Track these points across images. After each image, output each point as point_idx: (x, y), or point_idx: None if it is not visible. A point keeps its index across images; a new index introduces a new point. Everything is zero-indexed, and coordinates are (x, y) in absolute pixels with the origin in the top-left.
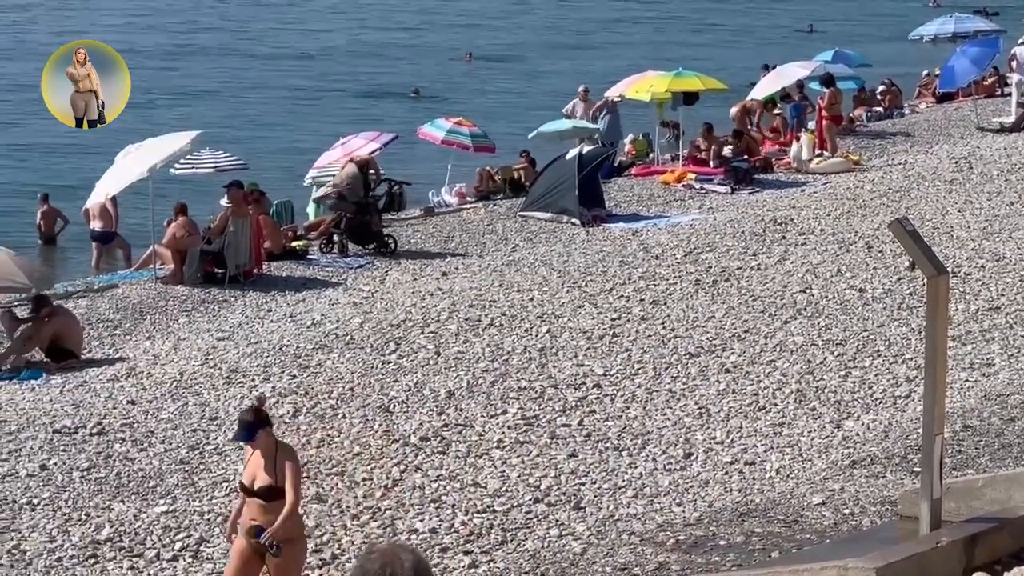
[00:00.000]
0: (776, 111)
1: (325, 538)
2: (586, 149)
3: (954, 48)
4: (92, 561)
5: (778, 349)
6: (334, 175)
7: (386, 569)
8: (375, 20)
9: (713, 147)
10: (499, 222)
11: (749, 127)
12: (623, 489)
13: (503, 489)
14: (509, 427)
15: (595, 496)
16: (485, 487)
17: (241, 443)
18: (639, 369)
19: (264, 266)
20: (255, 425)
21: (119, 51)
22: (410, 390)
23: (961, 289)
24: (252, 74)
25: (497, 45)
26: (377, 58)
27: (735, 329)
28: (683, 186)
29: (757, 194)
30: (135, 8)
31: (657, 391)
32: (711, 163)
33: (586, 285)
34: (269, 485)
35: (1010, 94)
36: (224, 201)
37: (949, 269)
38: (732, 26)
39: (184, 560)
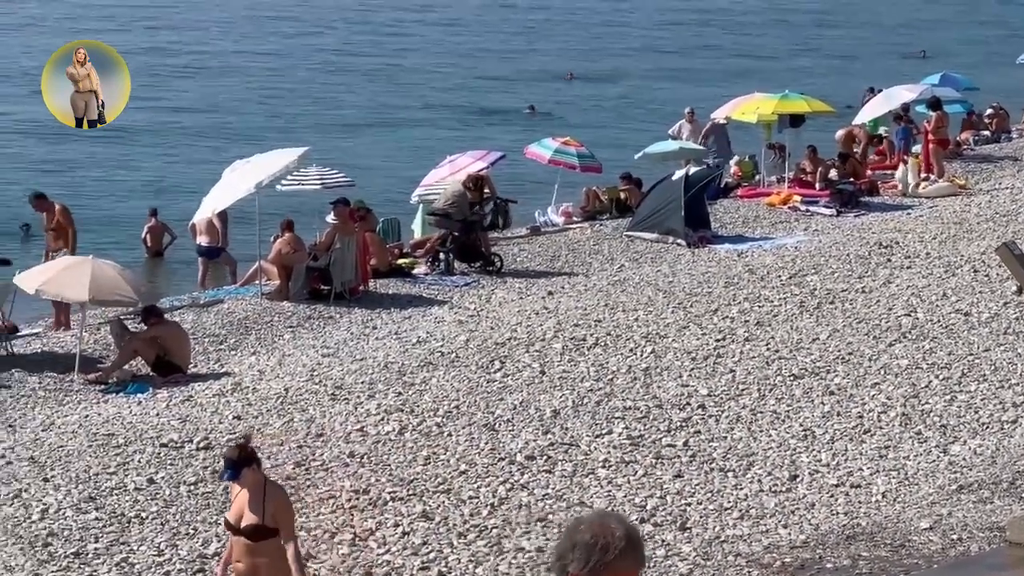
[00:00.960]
0: (883, 133)
1: (432, 556)
2: (692, 170)
3: None
4: (200, 575)
5: (883, 372)
6: (440, 193)
7: (597, 540)
8: (473, 39)
9: (819, 169)
10: (605, 242)
11: (855, 151)
12: (728, 510)
13: (609, 508)
14: (614, 447)
15: (700, 517)
16: (591, 506)
17: (227, 482)
18: (744, 390)
19: (370, 283)
20: (240, 463)
21: (224, 68)
22: (516, 409)
23: None
24: (359, 91)
25: (598, 65)
26: (478, 76)
27: (839, 351)
28: (789, 208)
29: (863, 217)
30: (240, 27)
31: (762, 412)
32: (817, 185)
33: (691, 306)
34: (256, 524)
35: None
36: (331, 218)
37: None
38: (840, 49)
39: None
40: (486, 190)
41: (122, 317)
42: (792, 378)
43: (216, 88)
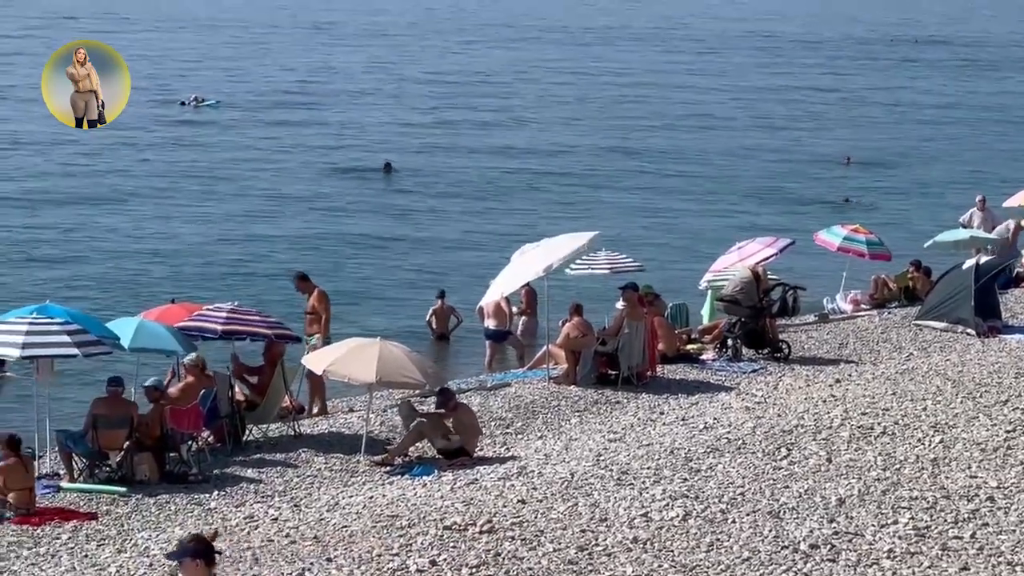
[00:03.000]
0: None
1: None
2: (983, 259)
3: None
4: None
5: None
6: (729, 279)
7: None
8: (746, 119)
9: None
10: (893, 330)
11: None
12: None
13: None
14: (900, 537)
15: None
16: None
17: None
18: None
19: (658, 368)
20: (185, 550)
21: (506, 149)
22: (800, 496)
23: None
24: (650, 176)
25: (878, 150)
26: (748, 160)
27: None
28: None
29: None
30: (522, 113)
31: None
32: None
33: (980, 396)
34: None
35: None
36: (620, 303)
37: None
38: None
39: None
40: (771, 276)
41: (414, 396)
42: None
43: (494, 172)
